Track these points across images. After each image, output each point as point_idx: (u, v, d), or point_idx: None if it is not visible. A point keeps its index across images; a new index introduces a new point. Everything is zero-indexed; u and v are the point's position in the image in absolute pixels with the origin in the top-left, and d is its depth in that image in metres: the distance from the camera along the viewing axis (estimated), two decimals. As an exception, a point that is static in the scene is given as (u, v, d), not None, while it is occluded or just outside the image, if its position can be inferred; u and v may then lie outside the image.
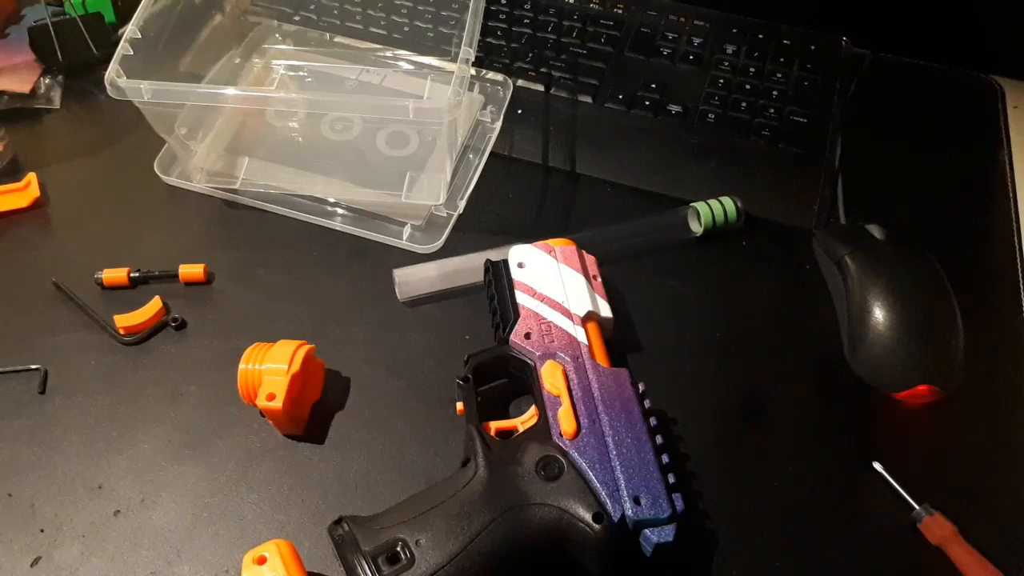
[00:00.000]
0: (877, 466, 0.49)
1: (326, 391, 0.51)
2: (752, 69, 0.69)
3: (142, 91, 0.52)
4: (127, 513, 0.46)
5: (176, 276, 0.56)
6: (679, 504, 0.42)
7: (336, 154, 0.61)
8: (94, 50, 0.67)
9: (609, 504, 0.41)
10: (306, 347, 0.48)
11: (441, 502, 0.41)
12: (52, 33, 0.66)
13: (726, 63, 0.69)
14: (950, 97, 0.71)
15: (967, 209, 0.63)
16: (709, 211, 0.58)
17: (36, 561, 0.45)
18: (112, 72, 0.52)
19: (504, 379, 0.50)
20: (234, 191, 0.60)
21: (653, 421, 0.45)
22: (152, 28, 0.56)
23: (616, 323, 0.52)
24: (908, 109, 0.70)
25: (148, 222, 0.60)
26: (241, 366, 0.47)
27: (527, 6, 0.72)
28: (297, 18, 0.70)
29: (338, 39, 0.69)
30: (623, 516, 0.41)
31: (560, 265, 0.52)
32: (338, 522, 0.42)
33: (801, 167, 0.63)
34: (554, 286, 0.51)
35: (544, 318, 0.49)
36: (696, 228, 0.59)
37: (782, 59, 0.69)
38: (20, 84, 0.66)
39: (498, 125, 0.64)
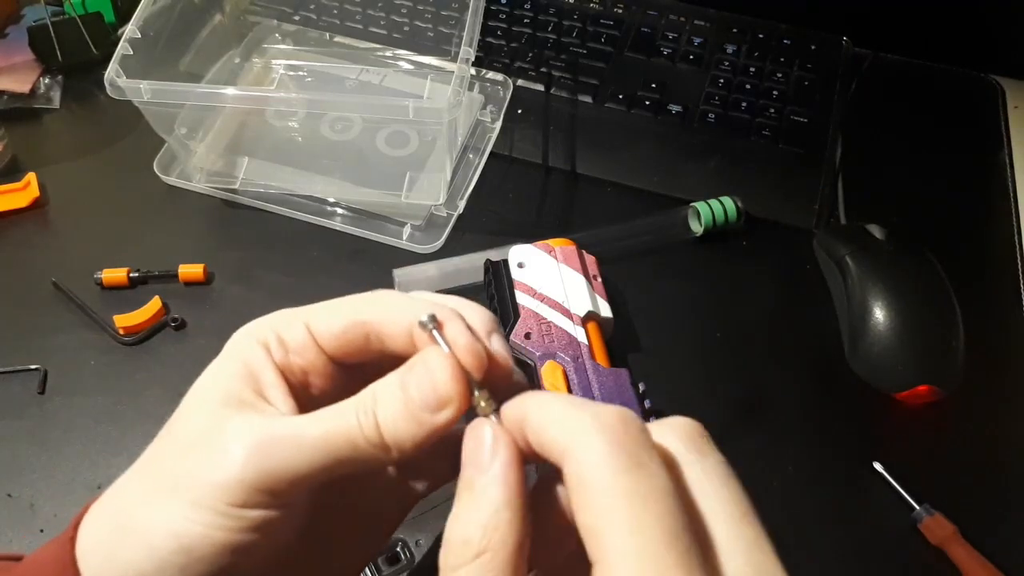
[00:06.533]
0: (877, 466, 0.49)
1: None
2: (752, 69, 0.69)
3: (142, 91, 0.51)
4: (127, 513, 0.46)
5: (176, 276, 0.56)
6: (679, 504, 0.42)
7: (336, 154, 0.61)
8: (94, 50, 0.67)
9: (609, 504, 0.41)
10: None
11: (440, 502, 0.41)
12: (52, 33, 0.66)
13: (726, 63, 0.69)
14: (950, 97, 0.71)
15: (967, 209, 0.63)
16: (709, 211, 0.58)
17: (36, 561, 0.45)
18: (112, 72, 0.52)
19: (504, 379, 0.50)
20: (234, 191, 0.60)
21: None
22: (152, 28, 0.56)
23: (616, 323, 0.52)
24: (908, 109, 0.70)
25: (148, 222, 0.60)
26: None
27: (527, 6, 0.72)
28: (297, 18, 0.70)
29: (338, 39, 0.69)
30: (623, 516, 0.41)
31: (560, 265, 0.52)
32: (338, 522, 0.42)
33: (801, 167, 0.63)
34: (554, 286, 0.51)
35: (544, 318, 0.49)
36: (696, 228, 0.59)
37: (782, 59, 0.69)
38: (20, 84, 0.66)
39: (498, 125, 0.64)
